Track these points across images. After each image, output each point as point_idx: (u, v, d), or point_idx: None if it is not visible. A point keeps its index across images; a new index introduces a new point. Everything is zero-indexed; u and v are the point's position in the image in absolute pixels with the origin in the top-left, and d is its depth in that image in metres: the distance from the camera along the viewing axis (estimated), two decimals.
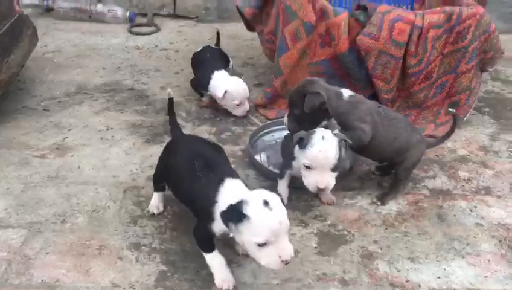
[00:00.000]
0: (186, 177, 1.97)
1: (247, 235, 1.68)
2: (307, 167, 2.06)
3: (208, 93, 3.12)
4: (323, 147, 2.03)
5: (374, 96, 3.07)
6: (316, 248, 2.12)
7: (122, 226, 2.19)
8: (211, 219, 1.83)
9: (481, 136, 3.01)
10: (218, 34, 3.64)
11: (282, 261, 1.68)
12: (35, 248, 2.06)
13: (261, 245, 1.66)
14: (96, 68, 3.71)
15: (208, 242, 1.92)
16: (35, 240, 2.10)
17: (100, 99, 3.28)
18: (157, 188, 2.26)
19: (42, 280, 1.91)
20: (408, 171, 2.41)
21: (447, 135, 2.51)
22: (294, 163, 2.22)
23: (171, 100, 2.66)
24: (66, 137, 2.84)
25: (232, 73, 3.22)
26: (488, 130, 3.09)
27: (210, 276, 1.94)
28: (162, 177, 2.21)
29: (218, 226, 1.82)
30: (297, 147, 2.14)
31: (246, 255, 2.04)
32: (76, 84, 3.46)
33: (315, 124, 2.27)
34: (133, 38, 4.25)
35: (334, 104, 2.25)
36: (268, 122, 2.99)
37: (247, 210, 1.66)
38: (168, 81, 3.55)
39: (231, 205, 1.70)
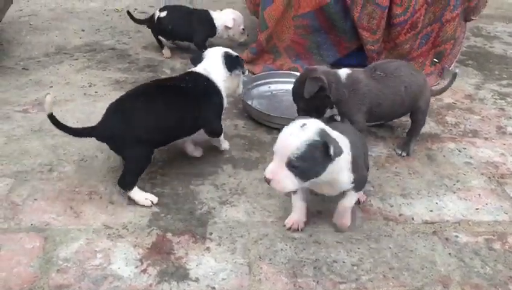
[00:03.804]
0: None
1: None
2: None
3: (218, 35, 3.29)
4: (289, 133, 1.59)
5: (360, 49, 3.07)
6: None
7: (112, 173, 2.14)
8: None
9: (466, 86, 3.04)
10: None
11: None
12: (23, 195, 2.00)
13: None
14: (75, 30, 3.62)
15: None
16: (22, 187, 2.04)
17: (81, 59, 3.19)
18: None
19: (31, 224, 1.85)
20: (425, 113, 2.33)
21: (447, 86, 2.46)
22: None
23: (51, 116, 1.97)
24: (48, 93, 2.72)
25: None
26: (473, 80, 3.12)
27: (205, 216, 1.93)
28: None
29: None
30: None
31: (238, 194, 2.03)
32: (55, 45, 3.36)
33: (319, 114, 2.17)
34: (111, 2, 4.15)
35: (333, 90, 2.13)
36: (267, 72, 2.96)
37: None
38: (149, 41, 3.48)
39: None
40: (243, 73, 2.21)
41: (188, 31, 3.23)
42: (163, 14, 3.22)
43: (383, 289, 1.65)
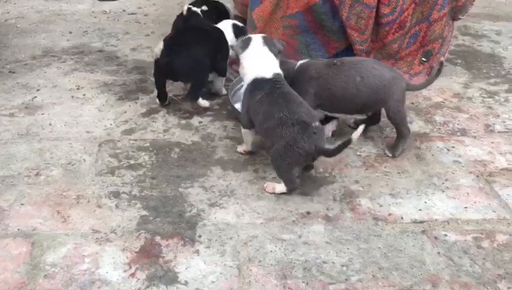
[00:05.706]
0: None
1: None
2: None
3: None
4: None
5: (349, 49, 3.07)
6: (298, 189, 2.11)
7: (100, 177, 2.13)
8: None
9: (454, 85, 3.05)
10: None
11: None
12: (9, 199, 1.98)
13: None
14: (62, 32, 3.59)
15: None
16: (9, 192, 2.02)
17: (68, 61, 3.17)
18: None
19: (18, 229, 1.84)
20: (400, 112, 2.31)
21: (430, 81, 2.45)
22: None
23: None
24: (35, 97, 2.74)
25: None
26: (461, 79, 3.13)
27: (194, 219, 1.92)
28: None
29: None
30: None
31: (227, 196, 2.03)
32: (42, 48, 3.33)
33: None
34: (99, 4, 4.12)
35: (288, 78, 2.27)
36: None
37: None
38: (138, 43, 3.46)
39: None
40: None
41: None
42: (205, 7, 3.13)
43: (372, 289, 1.65)
